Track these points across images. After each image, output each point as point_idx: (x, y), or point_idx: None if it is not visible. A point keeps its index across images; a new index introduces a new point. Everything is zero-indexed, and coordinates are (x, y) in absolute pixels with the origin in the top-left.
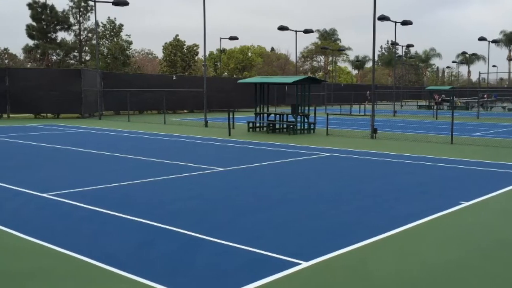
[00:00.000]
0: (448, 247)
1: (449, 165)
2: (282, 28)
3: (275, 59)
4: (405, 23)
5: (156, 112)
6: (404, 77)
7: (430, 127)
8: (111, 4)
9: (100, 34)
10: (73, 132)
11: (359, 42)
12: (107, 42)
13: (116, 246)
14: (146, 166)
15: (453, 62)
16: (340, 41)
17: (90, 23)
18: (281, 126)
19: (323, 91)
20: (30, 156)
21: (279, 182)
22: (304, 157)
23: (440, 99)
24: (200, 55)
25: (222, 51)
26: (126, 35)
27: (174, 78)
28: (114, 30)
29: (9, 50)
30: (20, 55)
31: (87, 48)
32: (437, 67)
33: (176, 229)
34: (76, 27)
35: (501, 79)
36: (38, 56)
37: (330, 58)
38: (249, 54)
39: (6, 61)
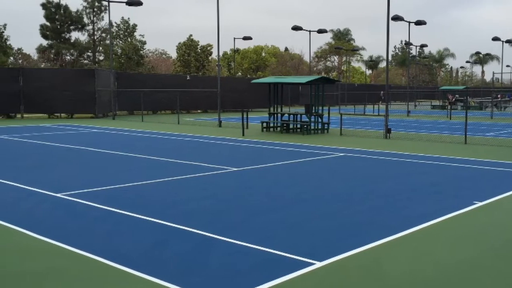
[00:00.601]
0: (462, 247)
1: (462, 165)
2: (296, 28)
3: (289, 59)
4: (419, 23)
5: (170, 112)
6: (417, 77)
7: (444, 127)
8: (124, 4)
9: (114, 34)
10: (87, 132)
11: (373, 42)
12: (121, 42)
13: (130, 246)
14: (159, 166)
15: (467, 62)
16: (354, 41)
17: (104, 23)
18: (295, 126)
19: (337, 91)
20: (44, 156)
21: (293, 182)
22: (317, 157)
23: (454, 99)
24: (214, 55)
25: (236, 51)
26: (140, 35)
27: (188, 78)
28: (128, 30)
29: (23, 50)
30: (34, 55)
31: (100, 48)
32: (451, 67)
33: (190, 229)
34: (90, 27)
35: None
36: (52, 56)
37: (344, 58)
38: (263, 54)
39: (20, 61)
